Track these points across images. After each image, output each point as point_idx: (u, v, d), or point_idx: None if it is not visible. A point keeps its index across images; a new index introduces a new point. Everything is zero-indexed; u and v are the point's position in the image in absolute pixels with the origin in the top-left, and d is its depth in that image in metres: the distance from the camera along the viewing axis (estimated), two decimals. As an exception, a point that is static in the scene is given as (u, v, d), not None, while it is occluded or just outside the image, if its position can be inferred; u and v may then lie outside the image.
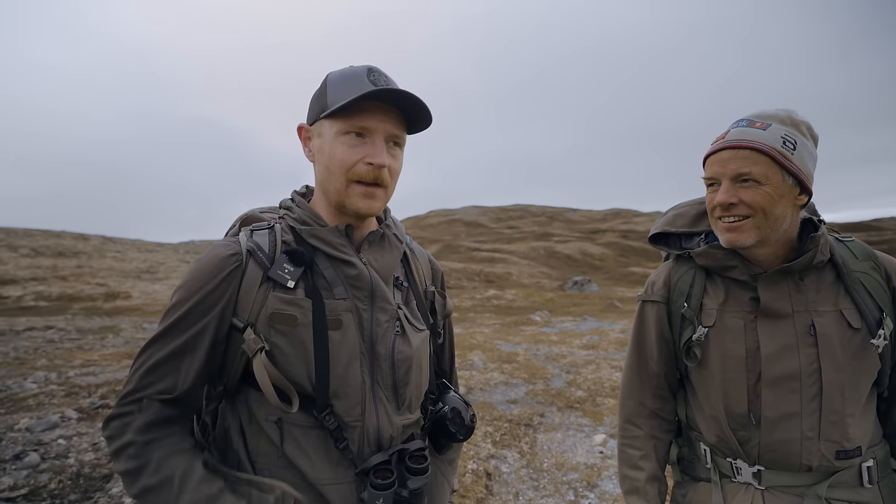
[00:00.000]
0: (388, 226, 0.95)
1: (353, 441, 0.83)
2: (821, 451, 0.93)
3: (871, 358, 0.94)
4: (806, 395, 0.93)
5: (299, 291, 0.82)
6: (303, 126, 0.88)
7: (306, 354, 0.80)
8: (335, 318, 0.82)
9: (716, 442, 1.03)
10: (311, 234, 0.85)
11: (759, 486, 0.97)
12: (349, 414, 0.82)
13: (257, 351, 0.78)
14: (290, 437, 0.81)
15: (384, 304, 0.86)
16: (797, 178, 0.93)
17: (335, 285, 0.84)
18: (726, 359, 0.98)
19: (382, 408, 0.85)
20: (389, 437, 0.86)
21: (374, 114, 0.81)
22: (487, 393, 4.55)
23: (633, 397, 1.14)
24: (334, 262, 0.85)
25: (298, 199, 0.91)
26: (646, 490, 1.08)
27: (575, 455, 3.25)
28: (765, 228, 0.93)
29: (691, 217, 1.12)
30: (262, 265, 0.82)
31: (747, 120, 0.96)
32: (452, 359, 1.13)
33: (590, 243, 29.24)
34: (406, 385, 0.88)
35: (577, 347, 6.74)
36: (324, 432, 0.81)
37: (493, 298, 13.96)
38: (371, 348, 0.85)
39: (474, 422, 0.98)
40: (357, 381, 0.83)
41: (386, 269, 0.90)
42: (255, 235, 0.85)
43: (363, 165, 0.81)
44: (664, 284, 1.09)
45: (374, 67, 0.85)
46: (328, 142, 0.82)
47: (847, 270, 0.97)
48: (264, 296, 0.81)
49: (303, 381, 0.81)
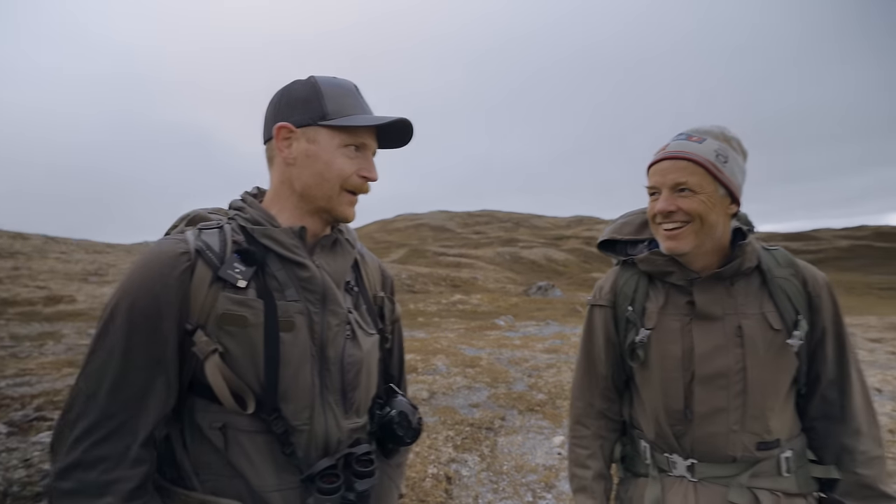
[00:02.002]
0: (340, 231, 0.95)
1: (300, 446, 0.82)
2: (744, 442, 1.00)
3: (789, 356, 1.02)
4: (732, 392, 1.00)
5: (251, 292, 0.80)
6: (287, 126, 0.85)
7: (255, 356, 0.79)
8: (287, 320, 0.81)
9: (655, 438, 1.09)
10: (263, 234, 0.84)
11: (692, 478, 1.04)
12: (297, 417, 0.81)
13: (210, 353, 0.76)
14: (235, 444, 0.79)
15: (335, 307, 0.86)
16: (728, 189, 1.00)
17: (287, 287, 0.83)
18: (665, 359, 1.04)
19: (331, 411, 0.84)
20: (337, 441, 0.85)
21: (368, 132, 0.88)
22: (450, 397, 4.55)
23: (583, 398, 1.19)
24: (287, 263, 0.85)
25: (250, 199, 0.90)
26: (592, 488, 1.14)
27: (534, 457, 3.30)
28: (701, 235, 1.00)
29: (636, 225, 1.18)
30: (212, 265, 0.79)
31: (686, 134, 1.03)
32: (401, 363, 1.13)
33: (554, 249, 29.91)
34: (355, 389, 0.88)
35: (539, 351, 6.85)
36: (270, 437, 0.80)
37: (458, 303, 14.02)
38: (321, 351, 0.84)
39: (421, 425, 0.99)
40: (307, 383, 0.82)
41: (338, 273, 0.90)
42: (204, 235, 0.83)
43: (357, 178, 0.87)
44: (611, 289, 1.15)
45: (356, 85, 0.90)
46: (326, 150, 0.85)
47: (770, 276, 1.05)
48: (214, 296, 0.78)
49: (251, 384, 0.79)
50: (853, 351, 1.06)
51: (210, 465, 0.79)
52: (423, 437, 3.51)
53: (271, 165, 0.90)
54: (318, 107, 0.84)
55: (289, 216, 0.88)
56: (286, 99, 0.87)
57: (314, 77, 0.87)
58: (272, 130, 0.86)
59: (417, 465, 3.06)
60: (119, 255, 16.59)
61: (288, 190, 0.88)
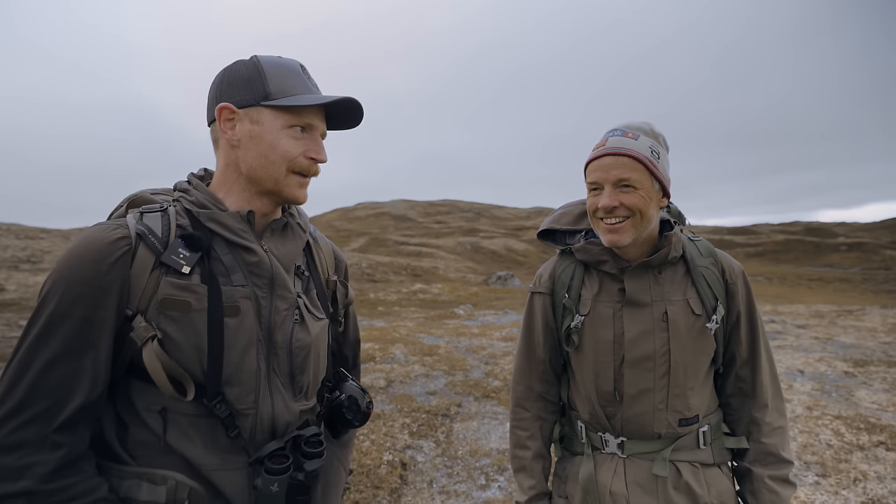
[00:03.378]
0: (291, 214, 0.95)
1: (245, 429, 0.82)
2: (668, 420, 1.08)
3: (708, 339, 1.10)
4: (658, 373, 1.07)
5: (195, 277, 0.80)
6: (228, 107, 0.83)
7: (198, 341, 0.78)
8: (232, 305, 0.81)
9: (589, 418, 1.16)
10: (209, 217, 0.83)
11: (622, 454, 1.11)
12: (242, 401, 0.81)
13: (148, 339, 0.75)
14: (176, 427, 0.79)
15: (284, 292, 0.86)
16: (661, 184, 1.06)
17: (234, 272, 0.83)
18: (598, 343, 1.11)
19: (279, 395, 0.85)
20: (286, 423, 0.86)
21: (315, 113, 0.86)
22: (407, 385, 4.58)
23: (523, 382, 1.24)
24: (234, 248, 0.84)
25: (196, 181, 0.88)
26: (531, 467, 1.20)
27: (488, 442, 3.39)
28: (639, 228, 1.05)
29: (574, 216, 1.24)
30: (154, 249, 0.78)
31: (620, 130, 1.07)
32: (356, 346, 1.14)
33: (514, 240, 30.41)
34: (303, 373, 0.89)
35: (496, 339, 6.99)
36: (213, 420, 0.80)
37: (419, 292, 14.04)
38: (269, 336, 0.84)
39: (371, 408, 1.00)
40: (252, 368, 0.82)
41: (287, 258, 0.90)
42: (146, 218, 0.81)
43: (304, 159, 0.86)
44: (549, 277, 1.20)
45: (303, 64, 0.88)
46: (270, 131, 0.83)
47: (693, 265, 1.12)
48: (156, 282, 0.77)
49: (193, 369, 0.78)
50: (764, 333, 1.16)
51: (147, 447, 0.78)
52: (379, 424, 3.53)
53: (216, 148, 0.88)
54: (260, 87, 0.83)
55: (236, 199, 0.87)
56: (228, 79, 0.85)
57: (257, 56, 0.85)
58: (214, 112, 0.84)
59: (373, 453, 3.09)
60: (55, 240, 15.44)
61: (234, 172, 0.86)
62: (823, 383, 4.39)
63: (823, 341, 6.18)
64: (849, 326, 7.38)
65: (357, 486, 2.75)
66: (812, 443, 3.19)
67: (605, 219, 1.05)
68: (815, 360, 5.10)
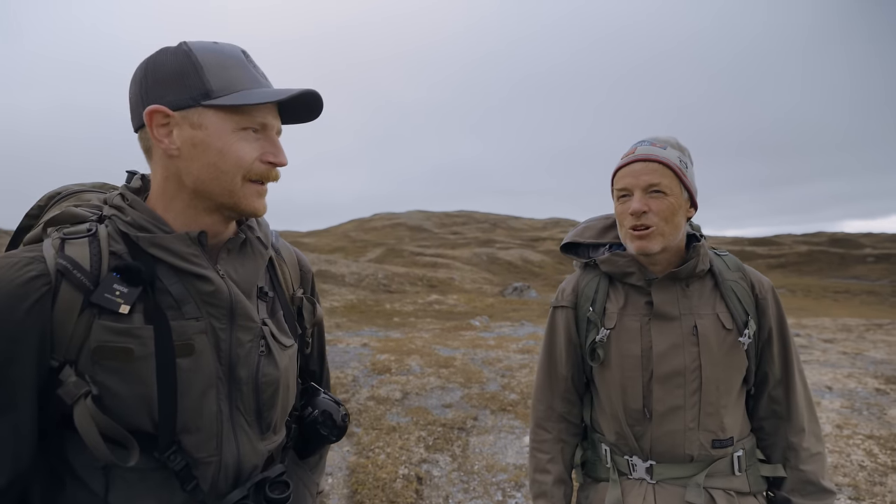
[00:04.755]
0: (249, 227, 0.81)
1: (206, 479, 0.72)
2: (700, 440, 1.04)
3: (740, 355, 1.07)
4: (689, 390, 1.04)
5: (136, 317, 0.67)
6: (161, 110, 0.68)
7: (146, 391, 0.67)
8: (185, 343, 0.69)
9: (615, 440, 1.11)
10: (151, 242, 0.70)
11: (651, 480, 1.06)
12: (202, 449, 0.71)
13: (80, 396, 0.63)
14: (121, 485, 0.68)
15: (246, 322, 0.75)
16: (689, 193, 1.06)
17: (185, 303, 0.71)
18: (625, 358, 1.07)
19: (244, 436, 0.75)
20: (252, 466, 0.76)
21: (269, 109, 0.73)
22: (423, 398, 4.56)
23: (543, 401, 1.21)
24: (183, 276, 0.71)
25: (132, 196, 0.73)
26: (552, 493, 1.15)
27: (505, 456, 3.34)
28: (668, 236, 1.04)
29: (598, 230, 1.23)
30: (81, 288, 0.65)
31: (649, 141, 1.08)
32: (322, 359, 1.04)
33: (530, 251, 30.25)
34: (272, 408, 0.79)
35: (513, 352, 6.93)
36: (167, 473, 0.69)
37: (434, 303, 14.03)
38: (230, 372, 0.74)
39: (347, 421, 0.92)
40: (212, 411, 0.72)
41: (248, 281, 0.78)
42: (69, 247, 0.67)
43: (261, 164, 0.73)
44: (573, 291, 1.18)
45: (245, 50, 0.75)
46: (217, 136, 0.69)
47: (722, 279, 1.10)
48: (86, 326, 0.65)
49: (142, 422, 0.67)
50: (796, 351, 1.12)
51: None
52: (395, 437, 3.51)
53: (150, 157, 0.74)
54: (197, 83, 0.68)
55: (181, 217, 0.73)
56: (154, 75, 0.70)
57: (187, 43, 0.70)
58: (142, 116, 0.69)
59: (388, 467, 3.07)
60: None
61: (176, 186, 0.72)
62: (853, 401, 4.23)
63: (852, 356, 5.97)
64: (879, 341, 7.11)
65: (373, 500, 2.74)
66: (843, 463, 3.07)
67: (634, 226, 1.04)
68: (844, 377, 4.92)
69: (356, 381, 4.80)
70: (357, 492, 2.81)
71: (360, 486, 2.85)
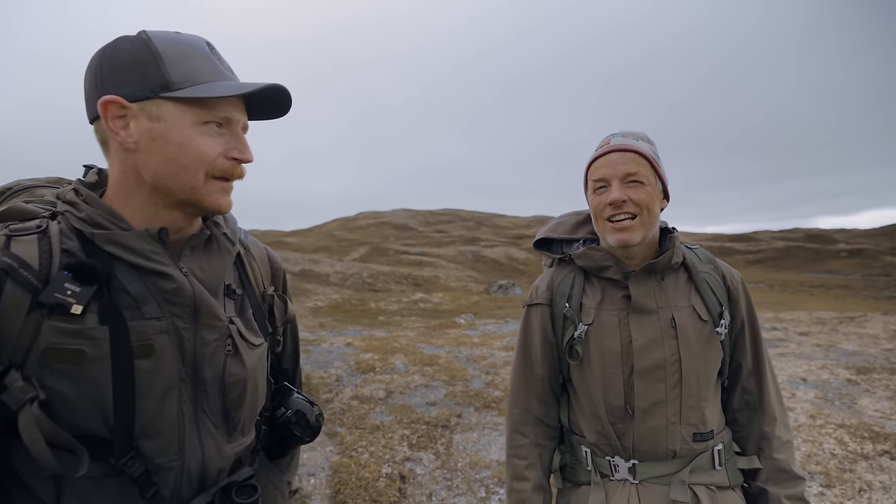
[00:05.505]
0: (216, 224, 0.79)
1: (167, 485, 0.69)
2: (682, 434, 1.03)
3: (716, 346, 1.07)
4: (669, 383, 1.03)
5: (90, 317, 0.64)
6: (117, 101, 0.66)
7: (100, 395, 0.64)
8: (144, 345, 0.67)
9: (596, 440, 1.09)
10: (108, 239, 0.67)
11: (633, 480, 1.04)
12: (163, 454, 0.69)
13: (26, 402, 0.60)
14: (73, 494, 0.65)
15: (211, 320, 0.73)
16: (663, 184, 1.07)
17: (145, 302, 0.68)
18: (605, 354, 1.06)
19: (209, 438, 0.73)
20: (218, 470, 0.74)
21: (234, 103, 0.71)
22: (407, 396, 4.55)
23: (519, 404, 1.17)
24: (143, 273, 0.68)
25: (86, 192, 0.70)
26: (531, 500, 1.11)
27: (489, 453, 3.36)
28: (647, 226, 1.04)
29: (571, 225, 1.22)
30: (29, 287, 0.62)
31: (621, 133, 1.08)
32: (296, 359, 1.03)
33: (515, 248, 30.38)
34: (239, 409, 0.77)
35: (497, 349, 6.95)
36: (124, 479, 0.66)
37: (419, 302, 13.99)
38: (194, 373, 0.72)
39: (321, 420, 0.91)
40: (173, 413, 0.69)
41: (213, 279, 0.76)
42: (15, 244, 0.64)
43: (225, 160, 0.71)
44: (547, 287, 1.16)
45: (209, 41, 0.72)
46: (177, 130, 0.67)
47: (695, 271, 1.10)
48: (34, 327, 0.62)
49: (96, 427, 0.65)
50: (764, 342, 1.14)
51: None
52: (378, 436, 3.50)
53: (106, 150, 0.71)
54: (156, 73, 0.66)
55: (140, 213, 0.70)
56: (111, 64, 0.67)
57: (146, 32, 0.67)
58: (97, 107, 0.67)
59: (372, 466, 3.06)
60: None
61: (133, 181, 0.69)
62: (826, 391, 4.36)
63: (825, 349, 6.14)
64: (851, 333, 7.34)
65: (355, 499, 2.72)
66: (816, 452, 3.16)
67: (613, 217, 1.03)
68: (818, 368, 5.06)
69: (340, 380, 4.76)
70: (339, 492, 2.79)
71: (343, 485, 2.83)
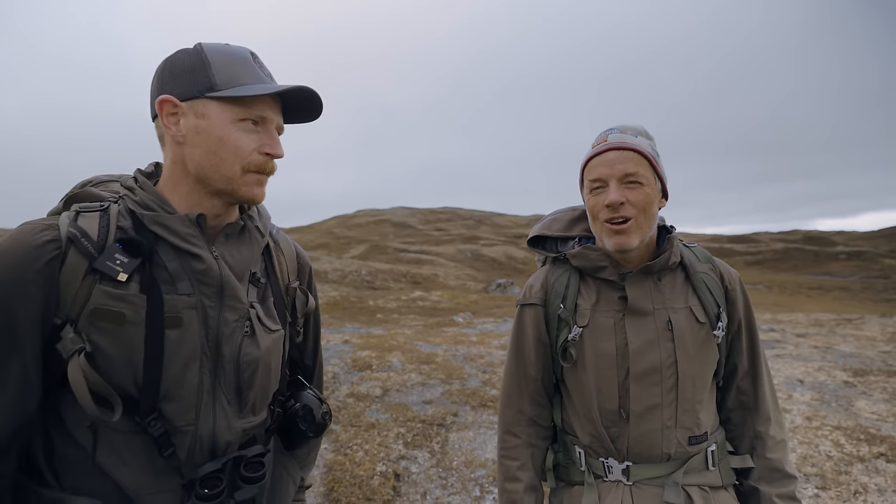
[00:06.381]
0: (250, 217, 0.89)
1: (182, 447, 0.77)
2: (677, 438, 1.01)
3: (713, 349, 1.05)
4: (665, 387, 1.00)
5: (132, 286, 0.74)
6: (170, 100, 0.78)
7: (133, 355, 0.73)
8: (174, 316, 0.76)
9: (590, 442, 1.07)
10: (154, 220, 0.77)
11: (627, 481, 1.02)
12: (181, 418, 0.76)
13: (75, 352, 0.70)
14: (106, 444, 0.74)
15: (234, 302, 0.81)
16: (662, 183, 1.03)
17: (179, 279, 0.77)
18: (599, 357, 1.03)
19: (222, 411, 0.80)
20: (226, 442, 0.81)
21: (269, 104, 0.80)
22: (403, 394, 4.54)
23: (512, 405, 1.15)
24: (181, 254, 0.78)
25: (142, 179, 0.82)
26: (523, 501, 1.09)
27: (484, 452, 3.35)
28: (645, 228, 1.00)
29: (566, 222, 1.18)
30: (87, 254, 0.73)
31: (619, 129, 1.03)
32: (316, 354, 1.09)
33: (514, 247, 30.37)
34: (251, 388, 0.84)
35: (494, 347, 6.95)
36: (147, 438, 0.75)
37: (418, 300, 13.99)
38: (216, 348, 0.80)
39: (327, 419, 0.96)
40: (194, 382, 0.77)
41: (241, 265, 0.84)
42: (81, 219, 0.75)
43: (259, 155, 0.80)
44: (541, 287, 1.13)
45: (254, 52, 0.83)
46: (218, 126, 0.77)
47: (693, 272, 1.07)
48: (88, 290, 0.72)
49: (127, 385, 0.74)
50: (761, 343, 1.12)
51: (74, 464, 0.74)
52: (373, 434, 3.49)
53: (163, 145, 0.83)
54: (204, 77, 0.77)
55: (185, 200, 0.81)
56: (170, 70, 0.79)
57: (201, 44, 0.79)
58: (156, 106, 0.79)
59: (366, 463, 3.04)
60: None
61: (181, 171, 0.80)
62: (823, 393, 4.35)
63: (823, 350, 6.14)
64: (848, 335, 7.34)
65: (349, 498, 2.71)
66: (812, 454, 3.15)
67: (610, 219, 1.00)
68: (815, 370, 5.06)
69: (336, 377, 4.75)
70: (333, 489, 2.78)
71: (337, 483, 2.82)
